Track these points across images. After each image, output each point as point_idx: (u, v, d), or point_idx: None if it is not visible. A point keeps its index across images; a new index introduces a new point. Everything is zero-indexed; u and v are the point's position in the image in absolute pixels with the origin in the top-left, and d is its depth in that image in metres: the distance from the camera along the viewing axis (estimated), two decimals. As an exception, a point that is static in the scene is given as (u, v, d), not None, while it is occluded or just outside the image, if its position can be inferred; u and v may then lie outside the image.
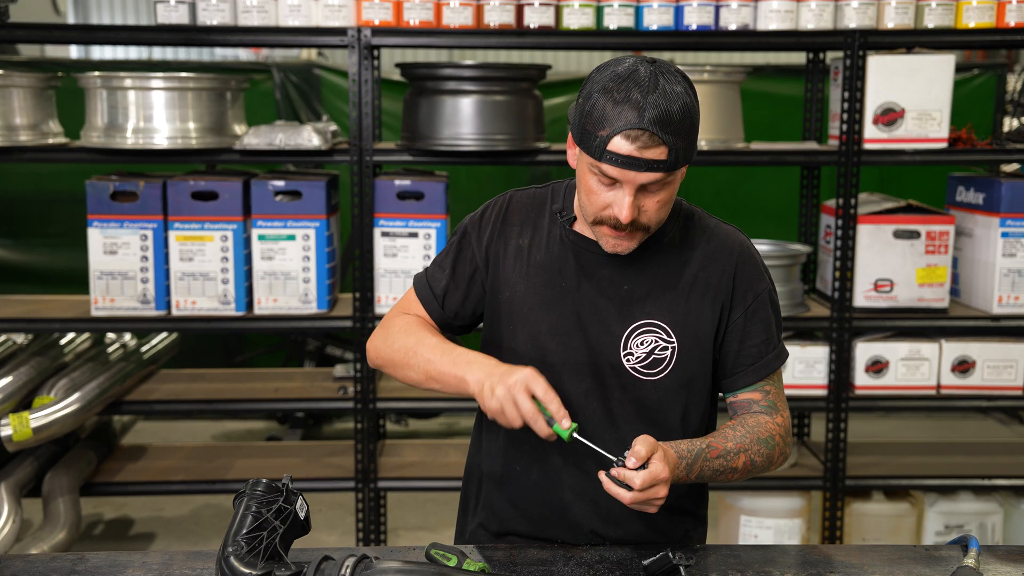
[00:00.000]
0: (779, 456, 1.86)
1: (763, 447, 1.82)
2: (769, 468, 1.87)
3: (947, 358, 3.61)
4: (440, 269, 1.96)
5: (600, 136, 1.67)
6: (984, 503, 3.81)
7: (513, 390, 1.68)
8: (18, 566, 1.78)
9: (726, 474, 1.80)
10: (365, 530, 3.66)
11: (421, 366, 1.84)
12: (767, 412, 1.88)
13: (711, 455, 1.77)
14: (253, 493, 1.64)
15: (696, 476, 1.76)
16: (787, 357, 1.92)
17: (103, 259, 3.45)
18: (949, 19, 3.47)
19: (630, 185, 1.69)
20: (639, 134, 1.64)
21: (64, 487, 3.55)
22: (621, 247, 1.77)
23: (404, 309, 1.99)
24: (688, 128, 1.67)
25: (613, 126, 1.65)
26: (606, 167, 1.68)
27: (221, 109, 3.46)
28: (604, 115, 1.66)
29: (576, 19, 3.43)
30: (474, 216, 1.97)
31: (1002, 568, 1.80)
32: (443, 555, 1.70)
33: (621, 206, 1.70)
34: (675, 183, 1.74)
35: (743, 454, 1.80)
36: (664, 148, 1.65)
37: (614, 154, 1.66)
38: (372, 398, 3.58)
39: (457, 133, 3.39)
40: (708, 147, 3.49)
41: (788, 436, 1.89)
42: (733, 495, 3.75)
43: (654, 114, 1.64)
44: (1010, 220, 3.56)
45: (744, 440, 1.81)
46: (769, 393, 1.89)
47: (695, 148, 1.73)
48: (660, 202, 1.73)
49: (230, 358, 5.90)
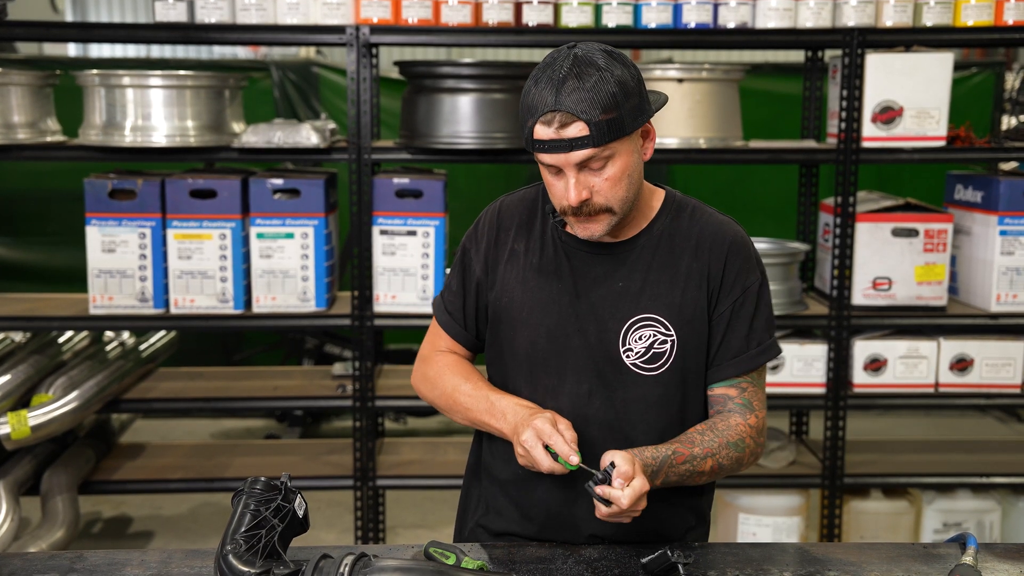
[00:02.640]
0: (749, 457, 1.86)
1: (732, 450, 1.82)
2: (738, 470, 1.87)
3: (945, 356, 3.61)
4: (452, 292, 1.98)
5: (528, 126, 1.70)
6: (982, 501, 3.81)
7: (526, 446, 1.71)
8: (16, 564, 1.78)
9: (693, 477, 1.80)
10: (364, 528, 3.66)
11: (462, 413, 1.92)
12: (740, 411, 1.86)
13: (676, 461, 1.76)
14: (252, 491, 1.64)
15: (661, 483, 1.76)
16: (775, 354, 1.90)
17: (101, 257, 3.45)
18: (947, 17, 3.47)
19: (567, 167, 1.70)
20: (553, 116, 1.66)
21: (62, 485, 3.55)
22: (589, 230, 1.77)
23: (433, 342, 2.03)
24: (608, 99, 1.66)
25: (533, 115, 1.69)
26: (540, 156, 1.71)
27: (219, 107, 3.46)
28: (527, 104, 1.70)
29: (575, 17, 3.42)
30: (469, 232, 1.98)
31: (1000, 566, 1.81)
32: (442, 553, 1.71)
33: (567, 189, 1.72)
34: (620, 158, 1.72)
35: (710, 459, 1.80)
36: (581, 123, 1.66)
37: (539, 141, 1.69)
38: (371, 396, 3.58)
39: (456, 131, 3.38)
40: (707, 145, 3.49)
41: (761, 436, 1.88)
42: (731, 493, 3.76)
43: (565, 93, 1.65)
44: (1008, 218, 3.56)
45: (712, 444, 1.80)
46: (746, 391, 1.87)
47: (633, 119, 1.70)
48: (610, 180, 1.72)
49: (228, 356, 5.90)
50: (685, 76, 3.44)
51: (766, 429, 1.91)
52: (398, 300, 3.53)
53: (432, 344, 2.03)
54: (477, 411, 1.87)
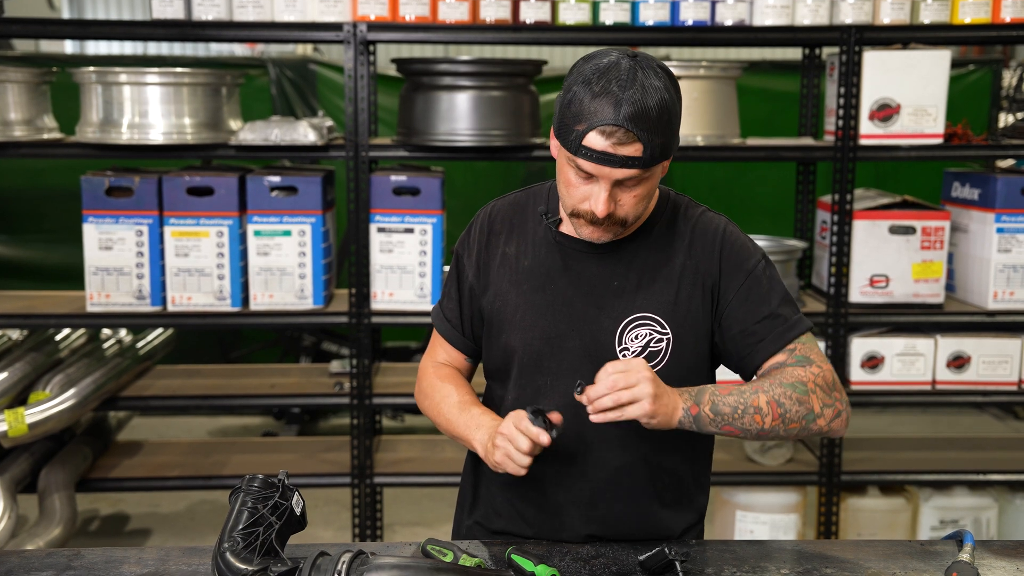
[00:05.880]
0: (824, 408, 1.76)
1: (790, 390, 1.75)
2: (815, 421, 1.76)
3: (942, 353, 3.62)
4: (449, 299, 1.98)
5: (576, 131, 1.66)
6: (979, 498, 3.82)
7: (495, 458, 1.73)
8: (13, 562, 1.78)
9: (749, 413, 1.72)
10: (361, 526, 3.66)
11: (445, 426, 1.94)
12: (798, 365, 1.80)
13: (720, 392, 1.73)
14: (249, 489, 1.64)
15: (711, 409, 1.71)
16: (806, 328, 1.84)
17: (98, 255, 3.45)
18: (945, 15, 3.47)
19: (606, 180, 1.68)
20: (614, 130, 1.63)
21: (60, 483, 3.55)
22: (598, 235, 1.77)
23: (432, 352, 2.04)
24: (665, 125, 1.66)
25: (589, 121, 1.65)
26: (582, 162, 1.68)
27: (216, 104, 3.45)
28: (581, 109, 1.66)
29: (572, 14, 3.42)
30: (462, 237, 1.98)
31: (997, 563, 1.81)
32: (439, 551, 1.71)
33: (597, 200, 1.70)
34: (653, 178, 1.73)
35: (762, 394, 1.74)
36: (639, 145, 1.64)
37: (589, 149, 1.66)
38: (368, 394, 3.58)
39: (453, 129, 3.38)
40: (704, 143, 3.49)
41: (833, 389, 1.79)
42: (729, 491, 3.76)
43: (630, 110, 1.62)
44: (1005, 216, 3.56)
45: (762, 384, 1.76)
46: (795, 351, 1.81)
47: (675, 144, 1.71)
48: (637, 197, 1.72)
49: (226, 354, 5.89)
50: (682, 74, 3.44)
51: (839, 386, 1.82)
52: (395, 298, 3.53)
53: (431, 356, 2.04)
54: (456, 423, 1.89)
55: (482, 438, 1.81)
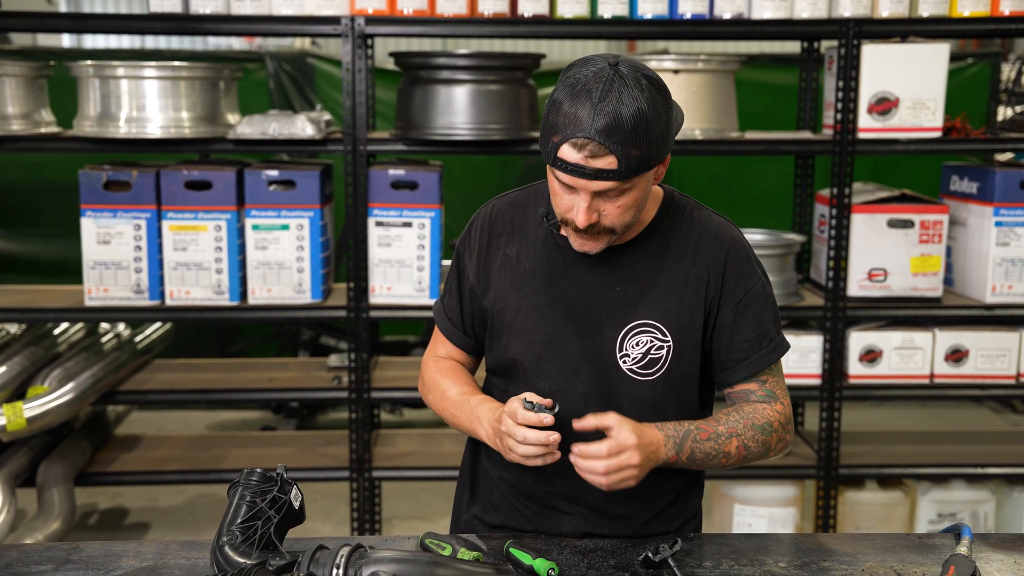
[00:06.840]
0: (778, 443, 1.84)
1: (758, 433, 1.80)
2: (767, 455, 1.85)
3: (940, 347, 3.62)
4: (450, 297, 1.97)
5: (553, 142, 1.65)
6: (977, 491, 3.82)
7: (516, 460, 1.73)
8: (13, 556, 1.78)
9: (719, 458, 1.78)
10: (360, 519, 3.66)
11: (450, 419, 1.94)
12: (765, 400, 1.85)
13: (700, 437, 1.76)
14: (248, 483, 1.64)
15: (688, 458, 1.75)
16: (786, 349, 1.89)
17: (96, 249, 3.45)
18: (944, 8, 3.46)
19: (584, 192, 1.66)
20: (585, 143, 1.61)
21: (58, 477, 3.55)
22: (587, 247, 1.76)
23: (434, 348, 2.04)
24: (643, 136, 1.62)
25: (563, 133, 1.62)
26: (558, 173, 1.67)
27: (214, 98, 3.45)
28: (556, 120, 1.64)
29: (570, 8, 3.41)
30: (463, 236, 1.96)
31: (994, 556, 1.81)
32: (438, 544, 1.71)
33: (578, 211, 1.68)
34: (637, 189, 1.69)
35: (735, 438, 1.78)
36: (612, 157, 1.61)
37: (563, 161, 1.64)
38: (366, 388, 3.58)
39: (451, 123, 3.38)
40: (702, 136, 3.49)
41: (788, 424, 1.86)
42: (727, 484, 3.76)
43: (602, 123, 1.59)
44: (1004, 209, 3.57)
45: (737, 425, 1.80)
46: (766, 383, 1.86)
47: (660, 153, 1.67)
48: (621, 207, 1.69)
49: (224, 348, 5.89)
50: (681, 67, 3.43)
51: (792, 420, 1.89)
52: (394, 292, 3.53)
53: (432, 350, 2.04)
54: (460, 416, 1.89)
55: (487, 432, 1.81)
